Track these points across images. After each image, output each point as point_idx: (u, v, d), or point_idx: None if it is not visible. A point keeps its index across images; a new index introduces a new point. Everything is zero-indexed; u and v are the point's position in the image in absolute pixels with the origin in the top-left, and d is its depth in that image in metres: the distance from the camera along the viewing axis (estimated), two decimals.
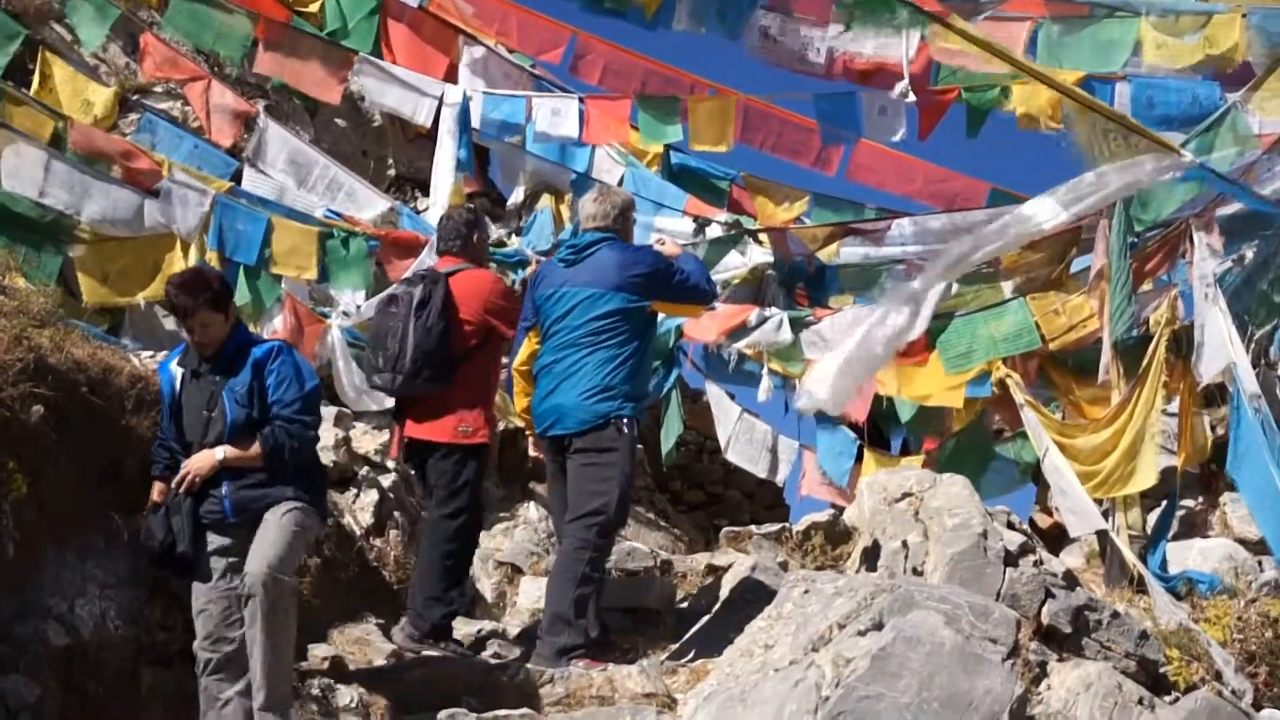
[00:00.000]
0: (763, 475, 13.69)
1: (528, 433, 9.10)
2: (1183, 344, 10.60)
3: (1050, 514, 11.50)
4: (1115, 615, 7.18)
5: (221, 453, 7.09)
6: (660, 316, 9.40)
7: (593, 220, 8.88)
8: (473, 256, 9.23)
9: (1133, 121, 9.65)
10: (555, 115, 14.65)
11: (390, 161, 18.63)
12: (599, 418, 8.30)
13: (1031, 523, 12.38)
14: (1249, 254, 11.04)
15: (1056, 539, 11.48)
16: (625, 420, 8.34)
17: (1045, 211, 10.21)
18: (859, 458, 12.96)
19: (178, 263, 12.32)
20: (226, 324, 7.29)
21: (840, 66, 13.41)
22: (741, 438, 13.60)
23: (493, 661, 8.00)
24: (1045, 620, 7.03)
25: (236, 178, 13.75)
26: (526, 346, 8.80)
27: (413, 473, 9.17)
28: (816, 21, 13.42)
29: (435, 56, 15.09)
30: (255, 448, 7.12)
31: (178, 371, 7.35)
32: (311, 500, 7.28)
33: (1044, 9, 13.06)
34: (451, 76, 14.96)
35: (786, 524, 10.47)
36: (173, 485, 7.12)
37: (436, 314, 8.62)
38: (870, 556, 8.51)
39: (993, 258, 11.32)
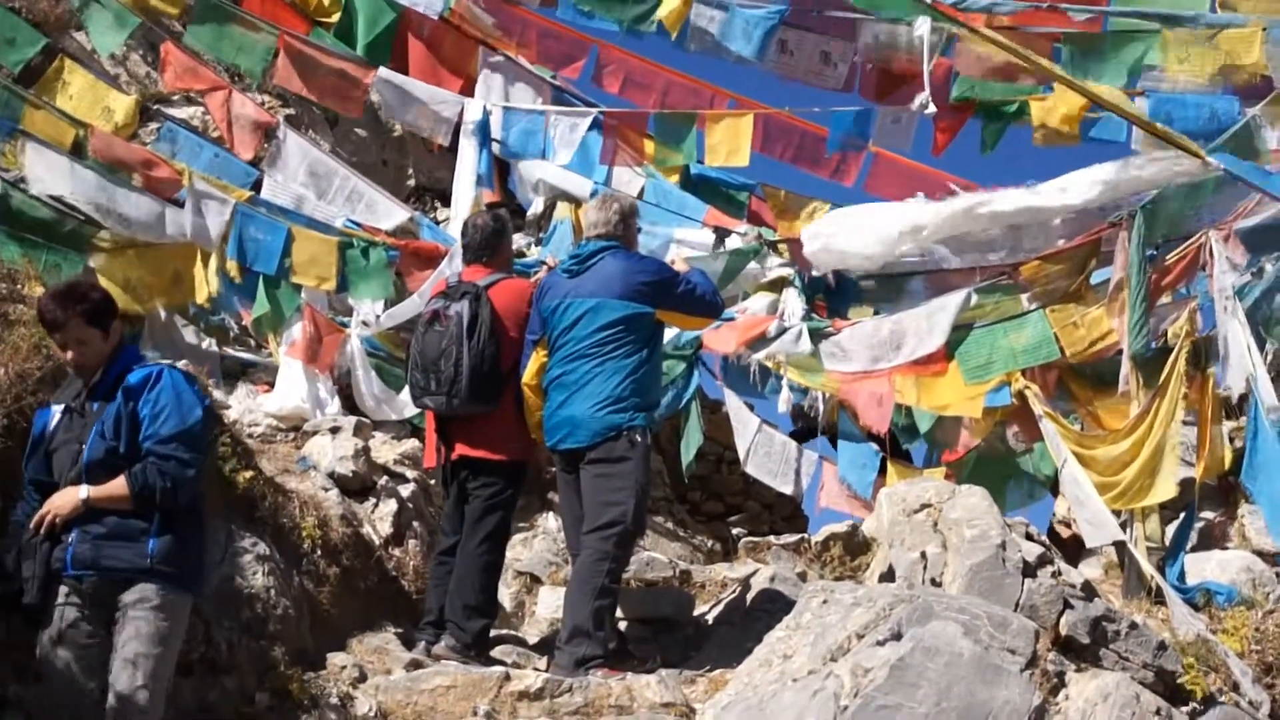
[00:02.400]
0: (783, 489, 13.66)
1: (541, 446, 9.08)
2: (1202, 356, 10.59)
3: (1069, 525, 11.47)
4: (1133, 626, 7.17)
5: (85, 491, 6.21)
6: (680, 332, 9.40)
7: (595, 228, 8.90)
8: (503, 265, 9.27)
9: (1159, 128, 9.65)
10: (573, 133, 14.65)
11: (410, 171, 18.67)
12: (612, 429, 8.32)
13: (1051, 534, 12.35)
14: (1268, 267, 11.02)
15: (1075, 550, 11.45)
16: (638, 431, 8.35)
17: (1076, 189, 10.17)
18: (882, 469, 12.96)
19: (198, 271, 12.38)
20: (106, 344, 6.50)
21: (859, 79, 13.45)
22: (760, 449, 13.57)
23: (511, 671, 7.99)
24: (1063, 631, 7.02)
25: (256, 187, 13.78)
26: (535, 360, 8.78)
27: (446, 487, 9.14)
28: (836, 35, 13.46)
29: (455, 68, 15.10)
30: (123, 487, 6.24)
31: (57, 409, 6.53)
32: (179, 572, 6.32)
33: (1065, 24, 13.04)
34: (470, 89, 14.98)
35: (805, 535, 10.50)
36: (30, 525, 6.26)
37: (488, 335, 8.64)
38: (889, 567, 8.50)
39: (1022, 221, 11.21)
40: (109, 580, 6.19)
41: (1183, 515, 10.55)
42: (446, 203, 16.43)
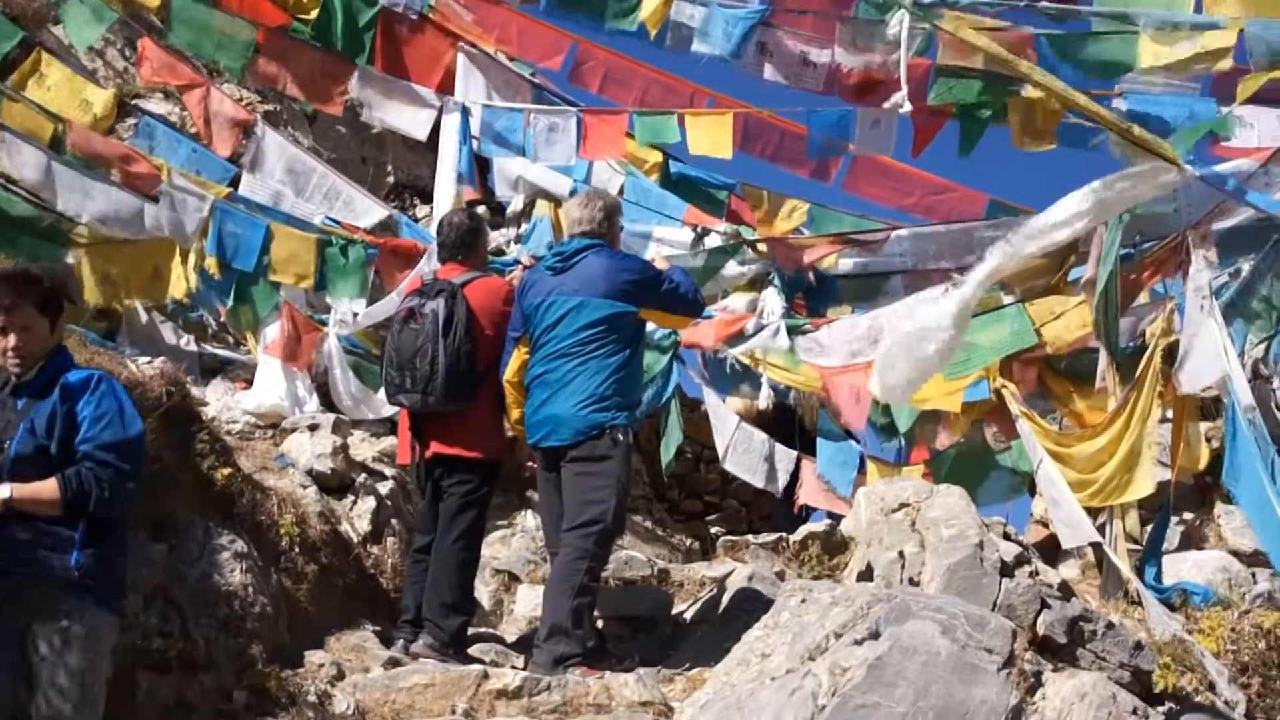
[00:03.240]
0: (760, 485, 13.66)
1: (521, 444, 9.06)
2: (1177, 355, 10.63)
3: (1047, 525, 11.50)
4: (1110, 626, 7.18)
5: (8, 490, 5.73)
6: (657, 327, 9.40)
7: (579, 225, 8.87)
8: (478, 263, 9.27)
9: (1135, 132, 9.67)
10: (552, 131, 14.64)
11: (390, 168, 18.67)
12: (594, 427, 8.31)
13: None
14: (1245, 267, 11.05)
15: (1053, 550, 11.47)
16: (620, 429, 8.35)
17: (1062, 210, 10.12)
18: (861, 467, 12.97)
19: (176, 267, 12.36)
20: (51, 337, 6.17)
21: (838, 80, 13.46)
22: (739, 447, 13.57)
23: (490, 669, 7.99)
24: (1040, 630, 7.03)
25: (235, 184, 13.76)
26: (516, 357, 8.76)
27: (421, 485, 9.13)
28: (814, 37, 13.47)
29: (434, 64, 15.08)
30: (54, 490, 5.79)
31: None
32: (104, 588, 5.91)
33: (1044, 23, 13.07)
34: (450, 85, 14.96)
35: (783, 533, 10.48)
36: None
37: (464, 333, 8.64)
38: (867, 566, 8.52)
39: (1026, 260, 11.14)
40: (26, 590, 5.72)
41: (1159, 516, 10.57)
42: (426, 200, 16.49)
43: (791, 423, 13.77)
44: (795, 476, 13.29)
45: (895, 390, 10.44)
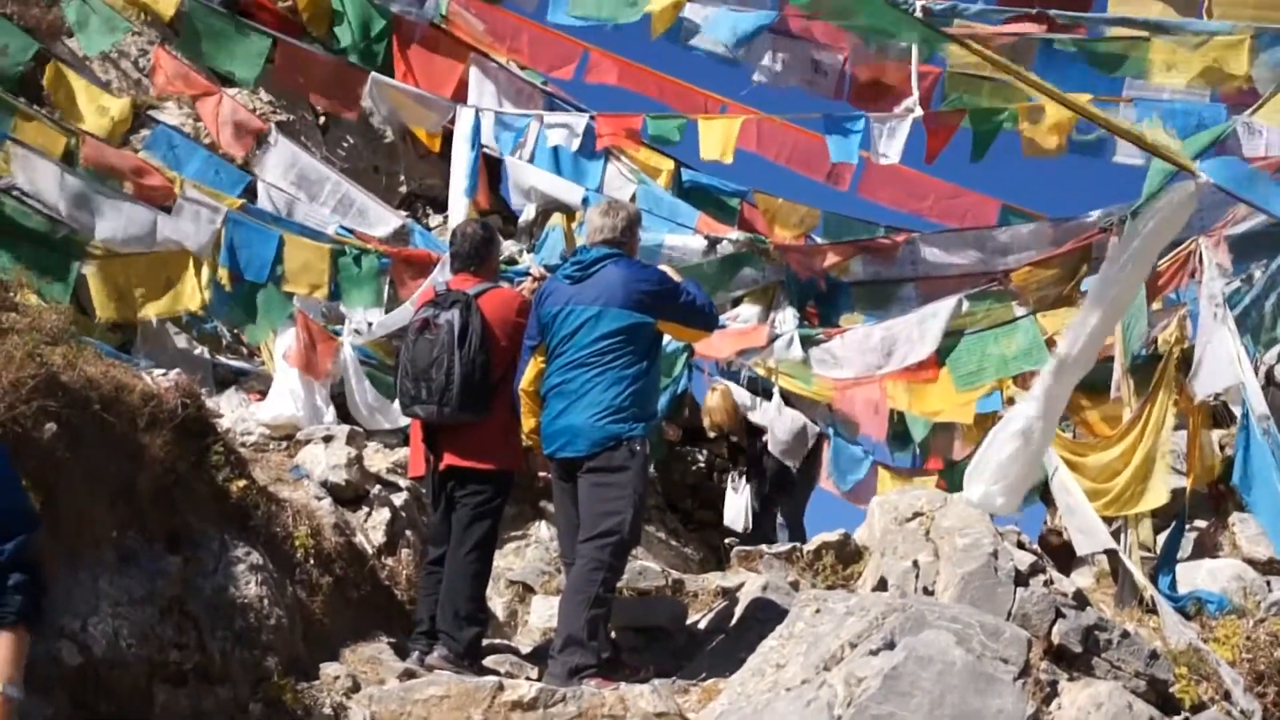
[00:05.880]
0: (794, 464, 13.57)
1: (536, 454, 9.05)
2: (1192, 363, 10.62)
3: (1060, 534, 11.49)
4: (1125, 635, 7.18)
5: None
6: (668, 338, 9.38)
7: (600, 233, 8.83)
8: (490, 274, 9.27)
9: (1147, 140, 9.66)
10: (565, 129, 14.69)
11: (402, 178, 18.68)
12: (611, 438, 8.27)
13: (1043, 542, 12.36)
14: (1257, 273, 11.04)
15: (1067, 559, 11.47)
16: (637, 440, 8.33)
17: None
18: (872, 472, 12.99)
19: (190, 279, 12.37)
20: None
21: (849, 86, 13.48)
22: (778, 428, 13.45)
23: (505, 681, 7.98)
24: (1056, 640, 7.04)
25: (248, 194, 13.79)
26: (533, 366, 8.72)
27: (434, 497, 9.13)
28: (824, 44, 13.49)
29: (447, 73, 15.13)
30: None
31: None
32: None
33: (1050, 30, 13.07)
34: (462, 94, 15.01)
35: (797, 543, 10.48)
36: None
37: (479, 344, 8.64)
38: (881, 576, 8.51)
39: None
40: None
41: (1174, 524, 10.56)
42: (438, 209, 16.50)
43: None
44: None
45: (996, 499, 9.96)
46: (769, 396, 13.24)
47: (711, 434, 13.81)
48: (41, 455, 6.90)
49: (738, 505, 13.61)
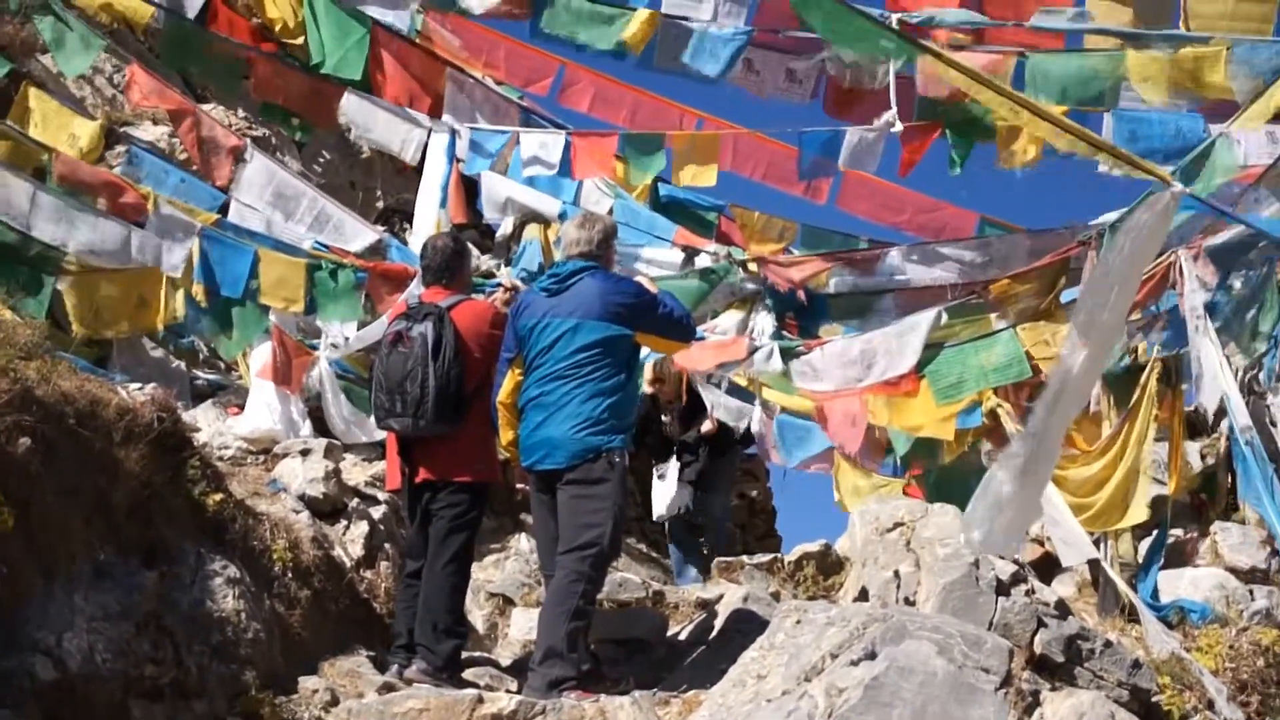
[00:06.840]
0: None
1: (514, 466, 9.03)
2: (1172, 374, 10.62)
3: (1042, 544, 11.49)
4: (1108, 644, 7.18)
5: None
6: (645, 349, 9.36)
7: (576, 246, 8.81)
8: (462, 286, 9.26)
9: (1122, 151, 9.66)
10: (542, 149, 14.66)
11: (379, 193, 18.66)
12: (590, 450, 8.25)
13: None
14: (1236, 284, 11.05)
15: (1048, 568, 11.47)
16: (616, 452, 8.31)
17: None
18: (827, 459, 12.96)
19: (164, 296, 12.31)
20: None
21: (825, 94, 13.48)
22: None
23: (484, 693, 7.94)
24: (1038, 649, 7.03)
25: (224, 210, 13.74)
26: (510, 379, 8.71)
27: (411, 510, 9.08)
28: (802, 54, 13.48)
29: (423, 89, 15.09)
30: None
31: None
32: None
33: (1028, 40, 13.08)
34: (438, 109, 14.98)
35: (778, 554, 10.46)
36: None
37: (453, 356, 8.63)
38: (862, 586, 8.50)
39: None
40: None
41: (1155, 533, 10.56)
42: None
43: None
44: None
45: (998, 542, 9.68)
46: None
47: (649, 389, 13.67)
48: (16, 470, 6.86)
49: (665, 492, 13.67)
